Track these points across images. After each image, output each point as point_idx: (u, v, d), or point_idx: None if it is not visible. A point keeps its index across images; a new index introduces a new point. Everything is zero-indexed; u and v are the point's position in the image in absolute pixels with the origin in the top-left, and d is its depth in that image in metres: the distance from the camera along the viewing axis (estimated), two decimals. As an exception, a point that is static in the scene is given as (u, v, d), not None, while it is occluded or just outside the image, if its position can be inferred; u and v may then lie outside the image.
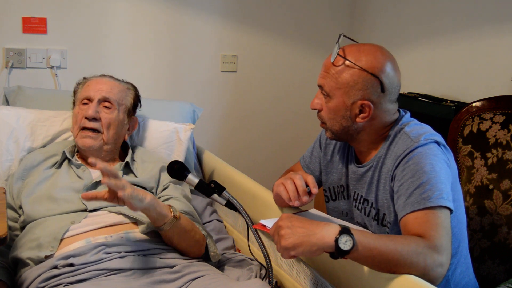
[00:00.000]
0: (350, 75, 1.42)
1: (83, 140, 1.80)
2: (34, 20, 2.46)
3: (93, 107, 1.81)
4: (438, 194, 1.30)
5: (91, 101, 1.84)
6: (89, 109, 1.80)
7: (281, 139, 3.06)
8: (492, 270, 1.74)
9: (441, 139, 1.42)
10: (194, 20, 2.75)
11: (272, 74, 2.98)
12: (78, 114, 1.83)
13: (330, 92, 1.44)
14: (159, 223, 1.54)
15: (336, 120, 1.47)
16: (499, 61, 2.20)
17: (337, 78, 1.42)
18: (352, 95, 1.42)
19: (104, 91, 1.86)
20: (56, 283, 1.43)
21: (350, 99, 1.43)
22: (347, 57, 1.42)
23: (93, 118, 1.80)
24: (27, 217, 1.66)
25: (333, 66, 1.44)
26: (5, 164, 1.92)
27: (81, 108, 1.84)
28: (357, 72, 1.41)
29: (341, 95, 1.43)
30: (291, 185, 1.46)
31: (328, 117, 1.48)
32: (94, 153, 1.82)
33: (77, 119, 1.83)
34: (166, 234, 1.58)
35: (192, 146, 2.30)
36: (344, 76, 1.42)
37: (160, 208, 1.52)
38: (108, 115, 1.83)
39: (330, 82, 1.44)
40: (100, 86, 1.87)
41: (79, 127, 1.81)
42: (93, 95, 1.84)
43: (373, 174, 1.48)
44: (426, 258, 1.20)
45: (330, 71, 1.44)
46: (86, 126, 1.80)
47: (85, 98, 1.85)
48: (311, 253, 1.20)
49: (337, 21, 3.05)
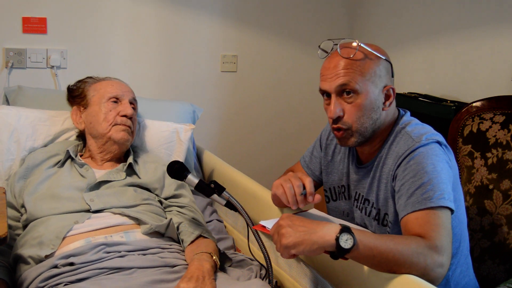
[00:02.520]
0: (373, 64, 1.42)
1: (121, 133, 1.85)
2: (34, 20, 2.46)
3: (130, 107, 1.89)
4: (439, 194, 1.30)
5: (121, 101, 1.89)
6: (128, 109, 1.88)
7: (281, 139, 3.06)
8: (492, 270, 1.74)
9: (442, 139, 1.42)
10: (194, 20, 2.75)
11: (272, 74, 2.98)
12: (109, 112, 1.86)
13: (358, 87, 1.41)
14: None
15: (367, 115, 1.43)
16: (499, 61, 2.20)
17: (362, 70, 1.41)
18: (378, 83, 1.43)
19: (130, 92, 1.95)
20: (56, 282, 1.43)
21: (378, 87, 1.43)
22: (367, 48, 1.43)
23: (130, 117, 1.88)
24: (30, 215, 1.66)
25: (352, 61, 1.41)
26: (6, 164, 1.92)
27: (112, 106, 1.88)
28: (377, 60, 1.43)
29: (370, 86, 1.42)
30: (290, 190, 1.46)
31: (356, 117, 1.43)
32: (124, 147, 1.89)
33: (108, 116, 1.86)
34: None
35: (192, 146, 2.30)
36: (369, 66, 1.42)
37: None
38: (134, 116, 1.94)
39: (356, 76, 1.40)
40: (124, 87, 1.95)
41: (113, 123, 1.86)
42: (122, 94, 1.90)
43: (374, 174, 1.48)
44: (427, 258, 1.20)
45: (352, 66, 1.41)
46: (126, 124, 1.87)
47: (114, 97, 1.89)
48: (311, 252, 1.20)
49: (337, 21, 3.05)
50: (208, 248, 1.62)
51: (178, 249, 1.66)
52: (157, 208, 1.78)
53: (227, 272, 1.63)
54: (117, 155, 1.90)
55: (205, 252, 1.58)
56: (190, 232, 1.70)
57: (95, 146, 1.88)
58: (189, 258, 1.58)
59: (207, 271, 1.48)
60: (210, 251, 1.60)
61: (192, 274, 1.46)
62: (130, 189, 1.78)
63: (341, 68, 1.41)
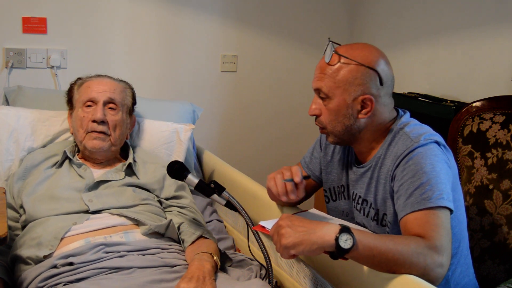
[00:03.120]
0: (348, 71, 1.41)
1: (92, 142, 1.80)
2: (34, 20, 2.46)
3: (100, 110, 1.80)
4: (438, 194, 1.30)
5: (96, 103, 1.83)
6: (97, 113, 1.80)
7: (281, 139, 3.06)
8: (492, 270, 1.74)
9: (441, 139, 1.42)
10: (194, 20, 2.75)
11: (272, 74, 2.98)
12: (84, 118, 1.82)
13: (329, 93, 1.43)
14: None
15: (338, 120, 1.45)
16: (499, 61, 2.20)
17: (335, 77, 1.42)
18: (352, 92, 1.42)
19: (108, 92, 1.85)
20: (56, 282, 1.43)
21: (351, 96, 1.42)
22: (343, 55, 1.42)
23: (101, 121, 1.80)
24: (29, 216, 1.66)
25: (329, 66, 1.43)
26: (5, 164, 1.92)
27: (86, 111, 1.83)
28: (355, 67, 1.41)
29: (341, 93, 1.42)
30: (280, 181, 1.51)
31: (329, 120, 1.46)
32: (102, 154, 1.83)
33: (83, 122, 1.81)
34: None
35: (192, 146, 2.30)
36: (342, 74, 1.41)
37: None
38: (114, 117, 1.84)
39: (328, 82, 1.43)
40: (102, 87, 1.86)
41: (86, 130, 1.81)
42: (97, 96, 1.83)
43: (372, 174, 1.48)
44: (426, 258, 1.20)
45: (327, 71, 1.43)
46: (95, 130, 1.80)
47: (88, 100, 1.84)
48: (311, 252, 1.20)
49: (337, 21, 3.05)
50: (209, 249, 1.62)
51: (178, 249, 1.66)
52: (156, 208, 1.78)
53: (227, 272, 1.63)
54: (107, 158, 1.87)
55: (206, 252, 1.58)
56: (191, 233, 1.70)
57: (82, 151, 1.88)
58: (190, 258, 1.58)
59: (207, 272, 1.48)
60: (211, 252, 1.60)
61: (193, 274, 1.46)
62: (129, 189, 1.78)
63: (320, 72, 1.45)
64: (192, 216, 1.78)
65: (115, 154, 1.91)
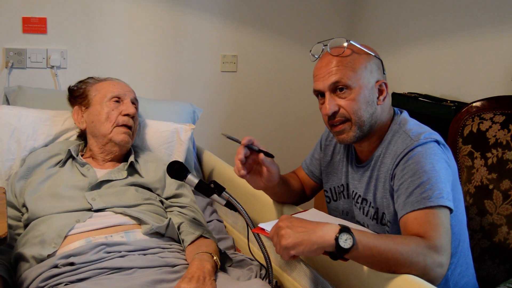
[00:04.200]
0: (363, 59, 1.45)
1: (122, 135, 1.85)
2: (34, 20, 2.46)
3: (132, 106, 1.89)
4: (438, 193, 1.30)
5: (123, 100, 1.89)
6: (130, 107, 1.88)
7: (282, 139, 3.06)
8: (492, 270, 1.74)
9: (440, 138, 1.42)
10: (194, 20, 2.75)
11: (272, 74, 2.98)
12: (112, 112, 1.86)
13: (351, 82, 1.43)
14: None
15: (363, 108, 1.44)
16: (499, 61, 2.20)
17: (353, 66, 1.43)
18: (370, 78, 1.45)
19: (131, 92, 1.95)
20: (57, 282, 1.44)
21: (370, 82, 1.45)
22: (350, 47, 1.45)
23: (132, 116, 1.88)
24: (31, 214, 1.66)
25: (343, 58, 1.44)
26: (6, 164, 1.92)
27: (113, 106, 1.87)
28: (366, 56, 1.46)
29: (362, 80, 1.44)
30: (237, 160, 1.53)
31: (353, 110, 1.44)
32: (123, 149, 1.89)
33: (110, 116, 1.85)
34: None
35: (192, 146, 2.30)
36: (359, 62, 1.44)
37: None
38: (136, 115, 1.93)
39: (348, 72, 1.43)
40: (125, 88, 1.94)
41: (116, 124, 1.85)
42: (123, 94, 1.90)
43: (372, 173, 1.48)
44: (426, 258, 1.20)
45: (343, 63, 1.44)
46: (127, 124, 1.86)
47: (115, 96, 1.89)
48: (311, 252, 1.20)
49: (337, 21, 3.05)
50: (209, 248, 1.62)
51: (179, 249, 1.66)
52: (159, 208, 1.78)
53: (227, 272, 1.63)
54: (118, 156, 1.90)
55: (206, 252, 1.58)
56: (191, 232, 1.70)
57: (96, 146, 1.88)
58: (190, 258, 1.58)
59: (207, 272, 1.48)
60: (211, 251, 1.60)
61: (193, 274, 1.46)
62: (131, 188, 1.78)
63: (333, 66, 1.44)
64: (192, 215, 1.79)
65: (125, 152, 1.94)
